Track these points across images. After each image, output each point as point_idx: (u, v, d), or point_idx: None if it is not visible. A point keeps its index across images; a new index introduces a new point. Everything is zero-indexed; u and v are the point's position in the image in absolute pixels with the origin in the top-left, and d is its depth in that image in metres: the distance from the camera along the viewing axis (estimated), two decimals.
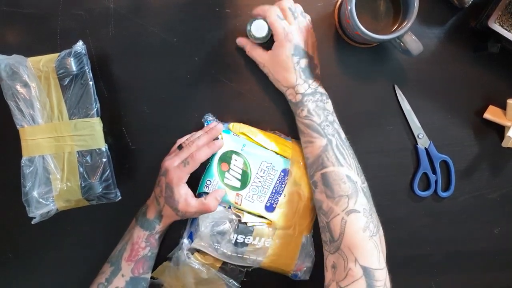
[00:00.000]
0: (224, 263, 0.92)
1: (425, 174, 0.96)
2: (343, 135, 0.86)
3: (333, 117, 0.86)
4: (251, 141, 0.91)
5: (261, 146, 0.91)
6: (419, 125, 0.94)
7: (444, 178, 0.96)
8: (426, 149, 0.94)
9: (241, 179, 0.89)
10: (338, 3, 0.92)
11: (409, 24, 0.80)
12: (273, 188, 0.90)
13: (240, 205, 0.88)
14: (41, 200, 0.85)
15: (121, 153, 0.95)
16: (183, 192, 0.84)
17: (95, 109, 0.87)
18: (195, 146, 0.86)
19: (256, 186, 0.89)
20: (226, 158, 0.88)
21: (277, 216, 0.89)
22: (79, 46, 0.86)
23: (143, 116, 0.95)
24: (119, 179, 0.92)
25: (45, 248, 0.98)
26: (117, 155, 0.93)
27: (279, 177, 0.90)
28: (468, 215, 0.97)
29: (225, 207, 0.90)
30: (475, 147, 0.96)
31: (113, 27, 0.93)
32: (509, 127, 0.90)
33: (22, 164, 0.86)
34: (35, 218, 0.86)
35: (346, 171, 0.80)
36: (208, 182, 0.88)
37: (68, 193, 0.87)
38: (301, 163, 0.91)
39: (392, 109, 0.94)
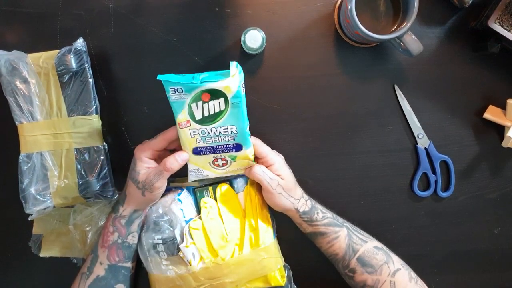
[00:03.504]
0: None
1: (425, 174, 0.95)
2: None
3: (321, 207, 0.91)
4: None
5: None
6: (419, 125, 0.94)
7: (444, 178, 0.96)
8: (426, 149, 0.94)
9: (206, 116, 0.80)
10: (338, 2, 0.92)
11: (409, 24, 0.80)
12: (222, 144, 0.84)
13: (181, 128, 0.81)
14: (38, 196, 0.85)
15: (121, 152, 0.95)
16: (145, 164, 0.83)
17: (94, 106, 0.87)
18: None
19: (209, 132, 0.81)
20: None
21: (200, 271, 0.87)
22: (79, 43, 0.86)
23: (143, 116, 0.95)
24: (118, 179, 0.91)
25: None
26: (116, 155, 0.93)
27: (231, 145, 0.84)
28: (468, 215, 0.97)
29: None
30: (475, 147, 0.95)
31: (113, 27, 0.93)
32: (509, 127, 0.90)
33: (20, 160, 0.86)
34: (32, 214, 0.86)
35: (371, 244, 0.87)
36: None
37: (65, 190, 0.86)
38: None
39: (392, 109, 0.94)
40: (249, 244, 0.88)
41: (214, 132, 0.81)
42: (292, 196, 0.86)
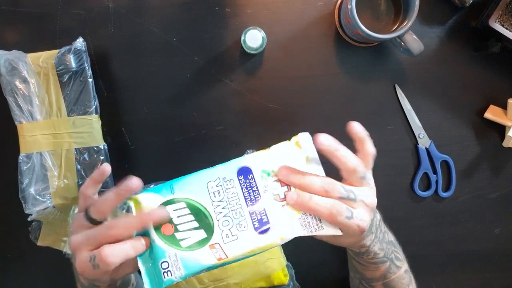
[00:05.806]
0: None
1: (425, 174, 0.95)
2: (391, 235, 0.77)
3: (386, 231, 0.76)
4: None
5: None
6: (419, 124, 0.94)
7: (444, 178, 0.96)
8: (426, 149, 0.94)
9: (201, 225, 0.61)
10: (339, 2, 0.92)
11: (409, 23, 0.80)
12: (245, 200, 0.62)
13: (227, 257, 0.60)
14: (37, 196, 0.85)
15: (121, 152, 0.94)
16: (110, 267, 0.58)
17: (94, 106, 0.87)
18: (105, 230, 0.60)
19: (225, 216, 0.61)
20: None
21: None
22: (79, 43, 0.86)
23: (143, 116, 0.95)
24: (118, 179, 0.91)
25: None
26: (116, 155, 0.93)
27: (240, 182, 0.63)
28: (468, 215, 0.97)
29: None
30: (476, 147, 0.95)
31: (112, 27, 0.93)
32: (510, 127, 0.90)
33: (20, 161, 0.86)
34: (31, 214, 0.86)
35: (403, 269, 0.77)
36: (165, 265, 0.59)
37: (65, 191, 0.86)
38: None
39: (393, 108, 0.94)
40: None
41: (223, 207, 0.62)
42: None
